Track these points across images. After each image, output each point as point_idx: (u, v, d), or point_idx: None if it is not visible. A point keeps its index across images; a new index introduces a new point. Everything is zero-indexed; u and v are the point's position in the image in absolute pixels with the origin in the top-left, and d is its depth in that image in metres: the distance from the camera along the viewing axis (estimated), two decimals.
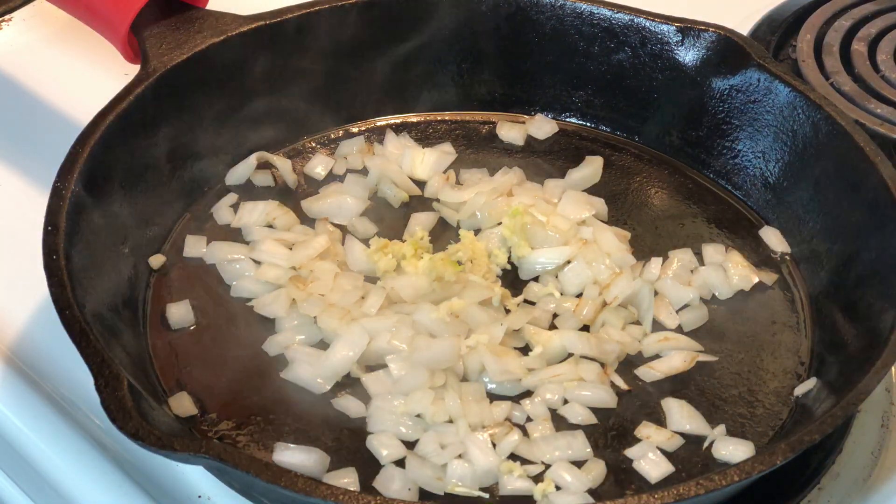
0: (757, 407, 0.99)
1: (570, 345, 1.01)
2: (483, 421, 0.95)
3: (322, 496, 0.78)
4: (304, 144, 1.24)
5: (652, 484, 0.92)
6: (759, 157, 1.18)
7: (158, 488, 0.92)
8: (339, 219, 1.15)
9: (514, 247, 1.10)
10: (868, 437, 0.98)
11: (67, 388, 1.01)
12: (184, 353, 1.01)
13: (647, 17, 1.21)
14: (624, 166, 1.24)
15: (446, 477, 0.91)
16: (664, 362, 1.01)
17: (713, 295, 1.09)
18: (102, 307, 0.96)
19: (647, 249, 1.13)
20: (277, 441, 0.92)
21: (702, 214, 1.19)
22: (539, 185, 1.20)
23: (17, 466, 0.98)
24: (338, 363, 0.98)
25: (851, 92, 1.34)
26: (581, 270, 1.08)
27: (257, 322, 1.04)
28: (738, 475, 0.80)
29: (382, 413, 0.95)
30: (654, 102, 1.24)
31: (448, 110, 1.29)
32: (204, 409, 0.96)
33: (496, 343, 1.00)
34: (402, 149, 1.23)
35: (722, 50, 1.17)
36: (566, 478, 0.91)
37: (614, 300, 1.05)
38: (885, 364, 0.88)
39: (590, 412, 0.97)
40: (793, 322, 1.07)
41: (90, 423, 0.97)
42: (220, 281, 1.07)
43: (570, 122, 1.29)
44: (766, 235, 1.16)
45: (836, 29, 1.44)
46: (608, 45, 1.23)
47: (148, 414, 0.81)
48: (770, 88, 1.15)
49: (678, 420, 0.97)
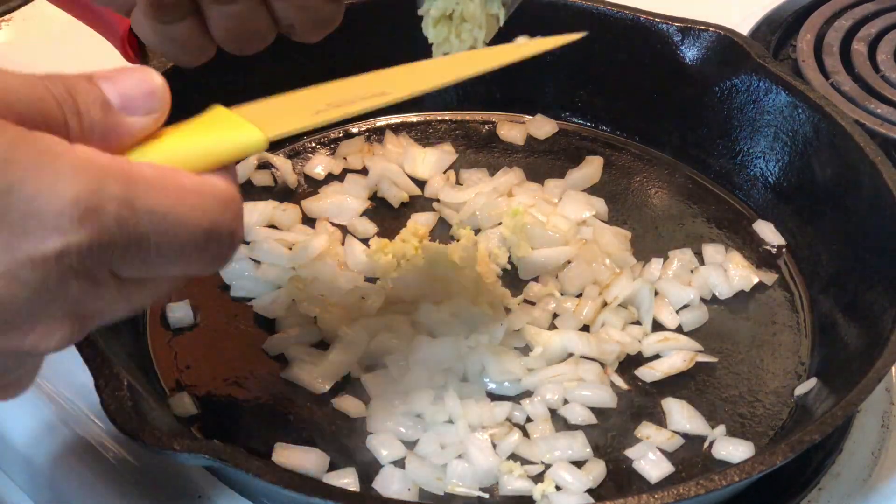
0: (757, 407, 0.99)
1: (570, 345, 1.01)
2: (483, 421, 0.95)
3: (322, 496, 0.78)
4: (304, 144, 1.24)
5: (652, 484, 0.92)
6: (759, 157, 1.18)
7: (158, 488, 0.92)
8: (339, 219, 1.15)
9: (514, 247, 1.10)
10: (868, 437, 0.98)
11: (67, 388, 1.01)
12: (184, 353, 1.01)
13: (648, 16, 1.21)
14: (624, 166, 1.24)
15: (446, 477, 0.91)
16: (664, 362, 1.01)
17: (713, 295, 1.09)
18: None
19: (647, 249, 1.13)
20: (277, 441, 0.92)
21: (702, 214, 1.19)
22: (539, 185, 1.20)
23: (17, 466, 0.98)
24: (338, 363, 0.98)
25: (851, 92, 1.33)
26: (581, 270, 1.08)
27: (257, 322, 1.04)
28: (738, 475, 0.80)
29: (382, 413, 0.95)
30: (654, 102, 1.24)
31: (448, 110, 1.29)
32: (204, 409, 0.96)
33: (496, 343, 1.00)
34: (402, 149, 1.23)
35: (722, 50, 1.17)
36: (566, 478, 0.91)
37: (614, 300, 1.05)
38: (885, 364, 0.88)
39: (590, 412, 0.97)
40: (793, 322, 1.07)
41: (90, 424, 0.97)
42: (220, 281, 1.07)
43: (570, 122, 1.29)
44: (760, 229, 1.16)
45: (836, 29, 1.44)
46: (608, 45, 1.23)
47: (148, 414, 0.81)
48: (770, 88, 1.15)
49: (678, 420, 0.97)
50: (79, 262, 0.56)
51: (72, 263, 0.55)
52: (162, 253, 0.58)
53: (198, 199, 0.59)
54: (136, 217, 0.56)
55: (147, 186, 0.57)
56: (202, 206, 0.59)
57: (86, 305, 0.58)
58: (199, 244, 0.59)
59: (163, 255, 0.58)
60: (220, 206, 0.60)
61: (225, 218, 0.60)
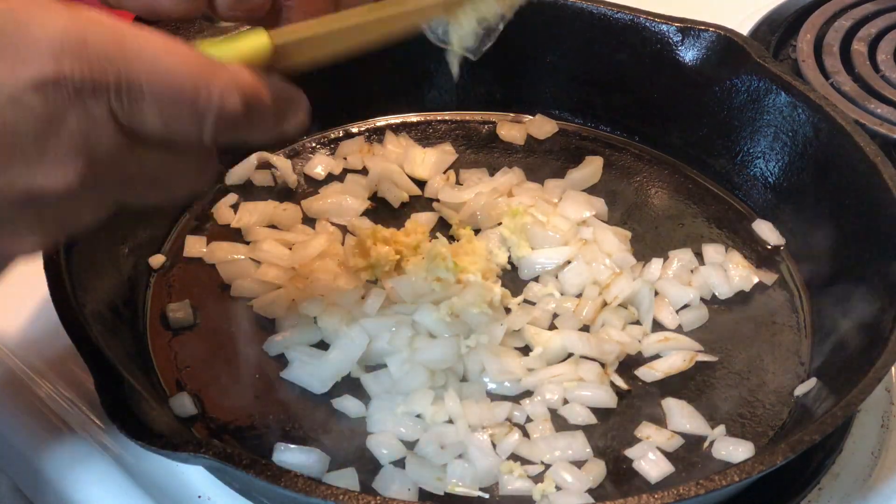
0: (757, 407, 0.99)
1: (570, 345, 1.01)
2: (483, 421, 0.95)
3: (322, 496, 0.78)
4: (304, 144, 1.24)
5: (652, 484, 0.92)
6: (759, 157, 1.18)
7: (158, 488, 0.92)
8: (339, 219, 1.15)
9: (514, 247, 1.10)
10: (868, 437, 0.98)
11: (67, 388, 1.01)
12: (184, 353, 1.01)
13: (647, 16, 1.20)
14: (624, 166, 1.24)
15: (446, 477, 0.91)
16: (664, 362, 1.01)
17: (713, 295, 1.09)
18: (102, 307, 0.96)
19: (647, 249, 1.13)
20: (277, 441, 0.92)
21: (702, 214, 1.19)
22: (539, 185, 1.20)
23: (17, 466, 0.98)
24: (338, 363, 0.98)
25: (851, 92, 1.33)
26: (581, 270, 1.08)
27: (257, 322, 1.04)
28: (738, 475, 0.80)
29: (382, 413, 0.95)
30: (654, 102, 1.24)
31: (448, 110, 1.29)
32: (204, 409, 0.96)
33: (496, 343, 1.00)
34: (402, 149, 1.23)
35: (722, 50, 1.17)
36: (566, 478, 0.91)
37: (614, 300, 1.05)
38: (885, 364, 0.88)
39: (590, 412, 0.97)
40: (793, 322, 1.07)
41: (90, 424, 0.97)
42: (220, 281, 1.08)
43: (570, 122, 1.29)
44: (760, 229, 1.16)
45: (836, 29, 1.44)
46: (608, 44, 1.23)
47: (148, 414, 0.81)
48: (770, 88, 1.15)
49: (678, 420, 0.97)
50: (74, 90, 0.60)
51: (68, 91, 0.60)
52: (155, 99, 0.63)
53: (187, 55, 0.64)
54: (125, 56, 0.62)
55: (135, 34, 0.63)
56: (191, 61, 0.64)
57: (90, 147, 0.62)
58: (188, 95, 0.64)
59: (155, 101, 0.63)
60: (209, 66, 0.65)
61: (215, 79, 0.65)
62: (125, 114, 0.63)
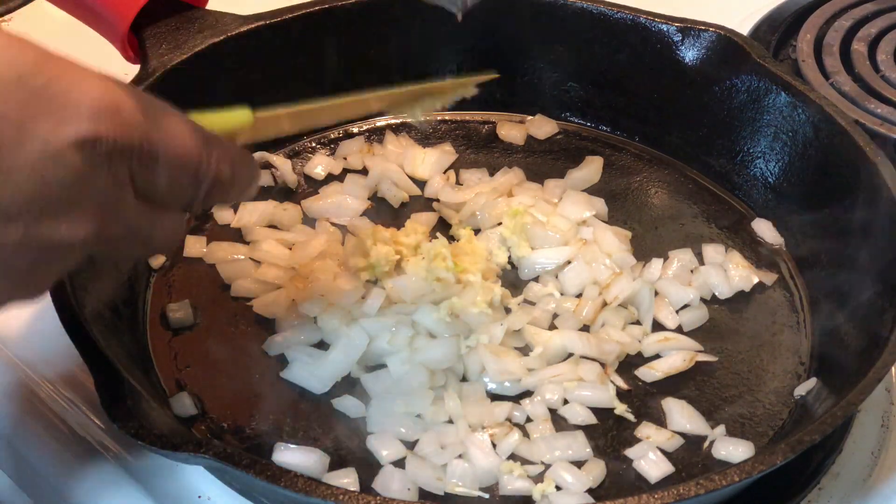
0: (757, 407, 0.99)
1: (570, 345, 1.01)
2: (483, 421, 0.95)
3: (322, 496, 0.78)
4: (304, 144, 1.24)
5: (652, 484, 0.92)
6: (759, 156, 1.18)
7: (158, 488, 0.92)
8: (339, 219, 1.15)
9: (514, 247, 1.10)
10: (868, 437, 0.98)
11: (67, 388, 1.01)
12: (184, 353, 1.01)
13: (647, 16, 1.21)
14: (624, 166, 1.24)
15: (446, 477, 0.91)
16: (664, 362, 1.01)
17: (713, 295, 1.09)
18: (102, 307, 0.96)
19: (647, 249, 1.13)
20: (277, 441, 0.92)
21: (702, 214, 1.19)
22: (539, 185, 1.20)
23: (17, 466, 0.98)
24: (338, 363, 0.98)
25: (851, 92, 1.33)
26: (581, 270, 1.08)
27: (257, 322, 1.04)
28: (738, 475, 0.80)
29: (382, 413, 0.95)
30: (654, 102, 1.24)
31: (448, 110, 1.29)
32: (204, 409, 0.96)
33: (496, 343, 1.00)
34: (402, 149, 1.23)
35: (722, 50, 1.17)
36: (566, 478, 0.91)
37: (614, 300, 1.05)
38: (885, 364, 0.88)
39: (590, 412, 0.97)
40: (793, 322, 1.07)
41: (90, 424, 0.97)
42: (220, 281, 1.07)
43: (570, 122, 1.29)
44: (760, 228, 1.16)
45: (836, 29, 1.44)
46: (608, 45, 1.23)
47: (148, 414, 0.81)
48: (770, 88, 1.15)
49: (678, 420, 0.97)
50: (107, 151, 0.65)
51: (102, 151, 0.65)
52: (167, 164, 0.69)
53: (193, 129, 0.72)
54: (148, 125, 0.68)
55: (155, 106, 0.70)
56: (197, 134, 0.72)
57: (110, 205, 0.67)
58: (194, 163, 0.71)
59: (167, 166, 0.69)
60: (210, 140, 0.73)
61: (214, 152, 0.73)
62: (139, 175, 0.69)
